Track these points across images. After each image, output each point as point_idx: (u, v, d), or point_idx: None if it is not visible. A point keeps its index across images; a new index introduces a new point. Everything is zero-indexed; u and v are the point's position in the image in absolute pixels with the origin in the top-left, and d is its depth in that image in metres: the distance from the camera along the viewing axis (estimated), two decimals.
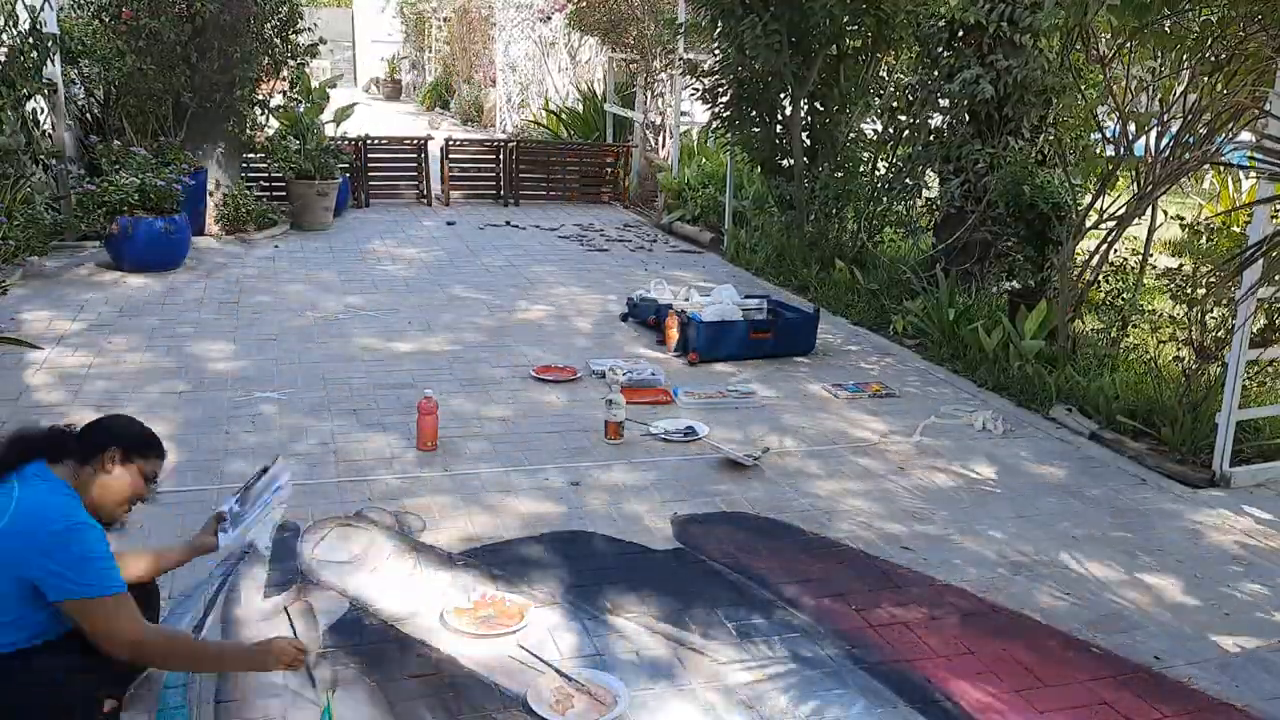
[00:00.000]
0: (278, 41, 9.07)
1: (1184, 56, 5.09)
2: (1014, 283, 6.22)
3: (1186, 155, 5.24)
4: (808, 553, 3.72)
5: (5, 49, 7.23)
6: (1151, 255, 6.04)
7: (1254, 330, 4.55)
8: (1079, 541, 3.89)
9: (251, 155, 9.53)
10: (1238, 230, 7.05)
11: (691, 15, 8.85)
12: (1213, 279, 5.02)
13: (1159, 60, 5.44)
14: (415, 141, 11.07)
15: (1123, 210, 5.56)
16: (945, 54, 6.65)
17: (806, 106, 7.97)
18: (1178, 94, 5.23)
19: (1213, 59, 4.91)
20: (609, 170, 11.68)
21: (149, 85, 8.30)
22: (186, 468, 4.19)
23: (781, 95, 7.86)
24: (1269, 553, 3.88)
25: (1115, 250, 5.83)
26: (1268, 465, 4.59)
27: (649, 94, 11.73)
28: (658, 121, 11.78)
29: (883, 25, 7.49)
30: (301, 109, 9.79)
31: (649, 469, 4.39)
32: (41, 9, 7.44)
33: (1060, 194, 6.01)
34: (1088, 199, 5.85)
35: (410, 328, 6.36)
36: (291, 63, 9.39)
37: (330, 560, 3.50)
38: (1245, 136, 5.74)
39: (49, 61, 7.68)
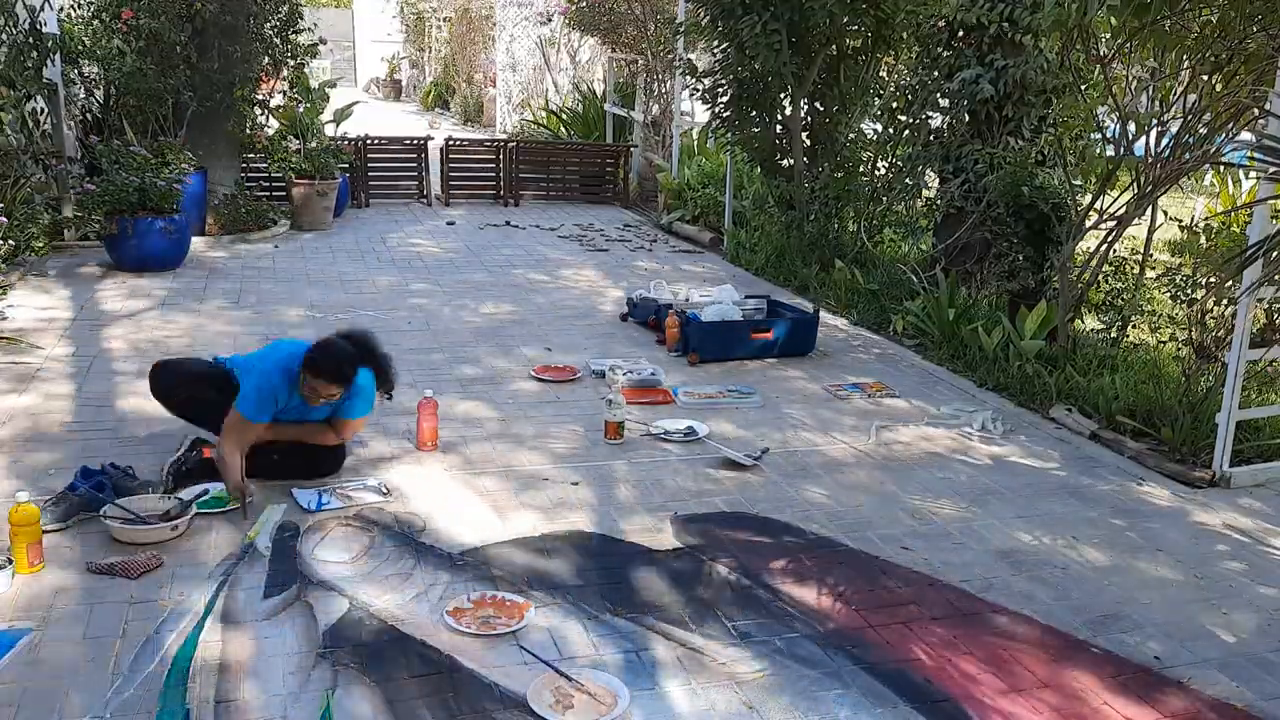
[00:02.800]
0: (278, 41, 9.07)
1: (1184, 56, 5.09)
2: (1014, 283, 6.23)
3: (1186, 155, 5.24)
4: (808, 553, 3.72)
5: (5, 49, 7.24)
6: (1151, 255, 6.04)
7: (1254, 330, 4.55)
8: (1079, 541, 3.89)
9: (251, 155, 9.53)
10: (1237, 230, 7.06)
11: (691, 15, 8.85)
12: (1213, 279, 5.02)
13: (1159, 60, 5.43)
14: (415, 141, 11.07)
15: (1123, 210, 5.57)
16: (945, 54, 6.66)
17: (806, 106, 7.97)
18: (1178, 94, 5.23)
19: (1213, 59, 4.91)
20: (609, 170, 11.68)
21: (149, 85, 8.30)
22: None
23: (781, 95, 7.85)
24: (1269, 553, 3.88)
25: (1115, 250, 5.84)
26: (1268, 465, 4.59)
27: (649, 94, 11.72)
28: (658, 121, 11.78)
29: (883, 25, 7.50)
30: (301, 109, 9.79)
31: (649, 469, 4.39)
32: (41, 9, 7.44)
33: (1060, 194, 6.01)
34: (1088, 199, 5.85)
35: (410, 327, 6.37)
36: (291, 62, 9.39)
37: (330, 560, 3.50)
38: (1245, 136, 5.74)
39: (49, 61, 7.68)
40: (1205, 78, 5.02)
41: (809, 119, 8.03)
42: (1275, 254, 4.03)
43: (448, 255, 8.54)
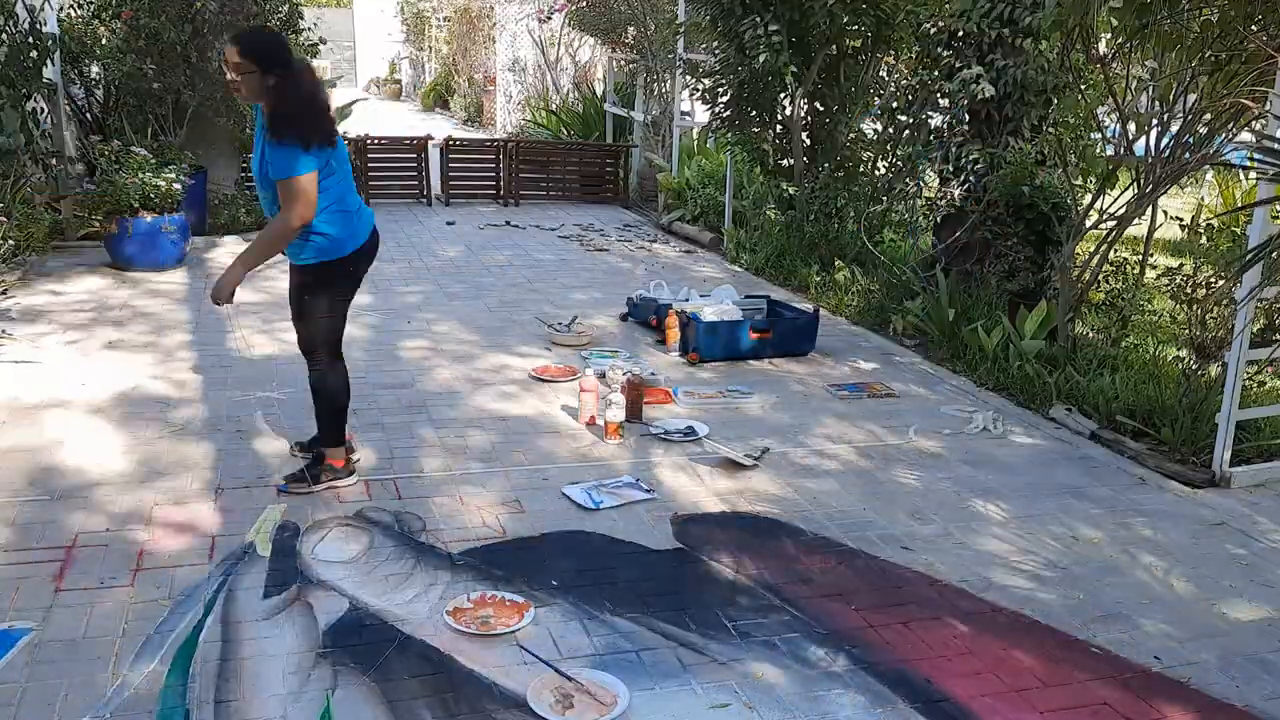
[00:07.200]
0: None
1: (1184, 56, 5.09)
2: (1014, 283, 6.22)
3: (1186, 155, 5.24)
4: (808, 553, 3.72)
5: (5, 49, 7.24)
6: (1151, 255, 6.05)
7: (1254, 331, 4.55)
8: (1078, 541, 3.89)
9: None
10: (1237, 230, 7.05)
11: (691, 15, 8.85)
12: (1213, 280, 5.02)
13: (1159, 60, 5.43)
14: (415, 141, 11.07)
15: (1123, 210, 5.57)
16: (945, 54, 6.65)
17: (806, 106, 7.97)
18: (1178, 94, 5.22)
19: (1213, 59, 4.91)
20: (609, 170, 11.68)
21: (149, 85, 8.30)
22: (181, 468, 4.19)
23: (781, 95, 7.86)
24: (1269, 553, 3.88)
25: (1115, 250, 5.83)
26: (1268, 465, 4.58)
27: (649, 94, 11.72)
28: (658, 121, 11.78)
29: (883, 25, 7.50)
30: None
31: (649, 469, 4.39)
32: (41, 9, 7.44)
33: (1060, 194, 6.01)
34: (1088, 199, 5.85)
35: (409, 327, 6.37)
36: None
37: (330, 560, 3.50)
38: (1245, 136, 5.74)
39: (49, 61, 7.68)
40: (1205, 78, 5.01)
41: (809, 119, 8.03)
42: (1276, 255, 4.03)
43: (448, 255, 8.54)
